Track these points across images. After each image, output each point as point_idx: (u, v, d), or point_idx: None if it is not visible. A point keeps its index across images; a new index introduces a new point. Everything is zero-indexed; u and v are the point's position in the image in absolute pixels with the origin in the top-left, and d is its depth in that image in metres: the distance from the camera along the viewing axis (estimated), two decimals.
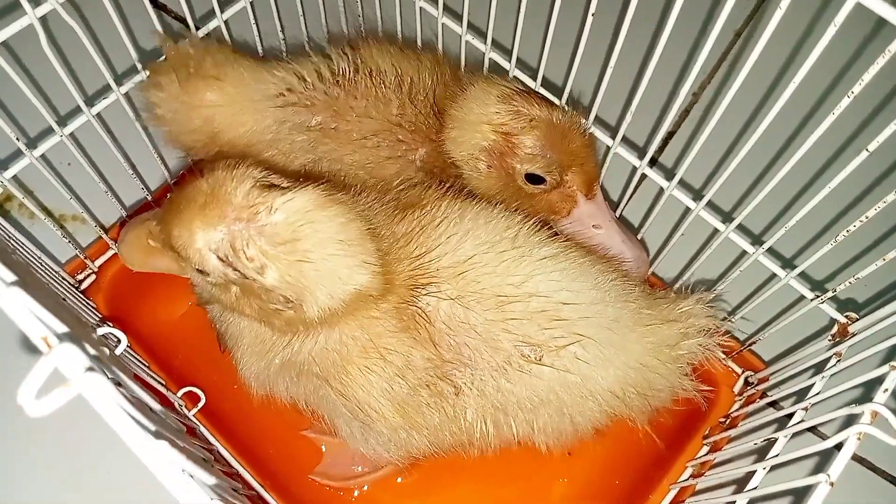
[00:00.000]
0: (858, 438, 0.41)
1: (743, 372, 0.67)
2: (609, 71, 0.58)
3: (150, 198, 0.71)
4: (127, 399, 0.29)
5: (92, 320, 0.55)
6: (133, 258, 0.55)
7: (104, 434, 0.28)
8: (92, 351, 0.33)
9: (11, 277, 0.30)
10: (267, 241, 0.44)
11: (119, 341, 0.47)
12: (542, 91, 0.66)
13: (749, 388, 0.66)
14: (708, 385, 0.61)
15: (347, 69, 0.63)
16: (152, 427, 0.29)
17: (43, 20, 0.50)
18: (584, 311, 0.53)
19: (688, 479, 0.62)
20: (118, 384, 0.37)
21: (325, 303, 0.47)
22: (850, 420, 0.42)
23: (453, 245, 0.52)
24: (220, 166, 0.47)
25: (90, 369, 0.27)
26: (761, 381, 0.65)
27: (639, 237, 0.70)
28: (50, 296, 0.49)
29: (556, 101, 0.64)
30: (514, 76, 0.67)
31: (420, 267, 0.52)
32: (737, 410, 0.65)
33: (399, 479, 0.65)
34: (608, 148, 0.64)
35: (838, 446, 0.42)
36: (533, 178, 0.62)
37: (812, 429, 0.57)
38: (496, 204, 0.57)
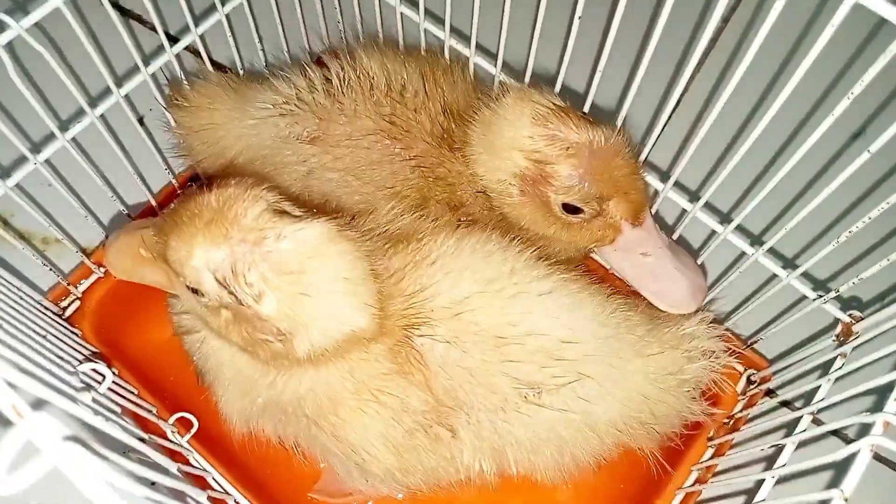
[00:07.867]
0: (871, 450, 0.40)
1: (745, 370, 0.66)
2: (598, 73, 0.56)
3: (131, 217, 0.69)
4: (107, 459, 0.27)
5: (77, 356, 0.53)
6: (120, 265, 0.53)
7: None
8: (71, 408, 0.31)
9: None
10: (270, 267, 0.42)
11: (104, 378, 0.45)
12: None
13: (752, 386, 0.65)
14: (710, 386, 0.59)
15: (336, 76, 0.61)
16: (138, 492, 0.28)
17: (10, 46, 0.48)
18: (583, 348, 0.51)
19: (693, 485, 0.61)
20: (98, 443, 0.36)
21: (317, 340, 0.45)
22: (862, 429, 0.41)
23: (449, 284, 0.50)
24: (234, 183, 0.45)
25: (68, 438, 0.25)
26: (764, 379, 0.64)
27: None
28: (29, 340, 0.47)
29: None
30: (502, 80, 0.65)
31: (414, 306, 0.49)
32: (740, 410, 0.63)
33: (399, 496, 0.64)
34: None
35: (851, 457, 0.41)
36: (570, 209, 0.57)
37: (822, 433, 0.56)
38: (509, 233, 0.55)
